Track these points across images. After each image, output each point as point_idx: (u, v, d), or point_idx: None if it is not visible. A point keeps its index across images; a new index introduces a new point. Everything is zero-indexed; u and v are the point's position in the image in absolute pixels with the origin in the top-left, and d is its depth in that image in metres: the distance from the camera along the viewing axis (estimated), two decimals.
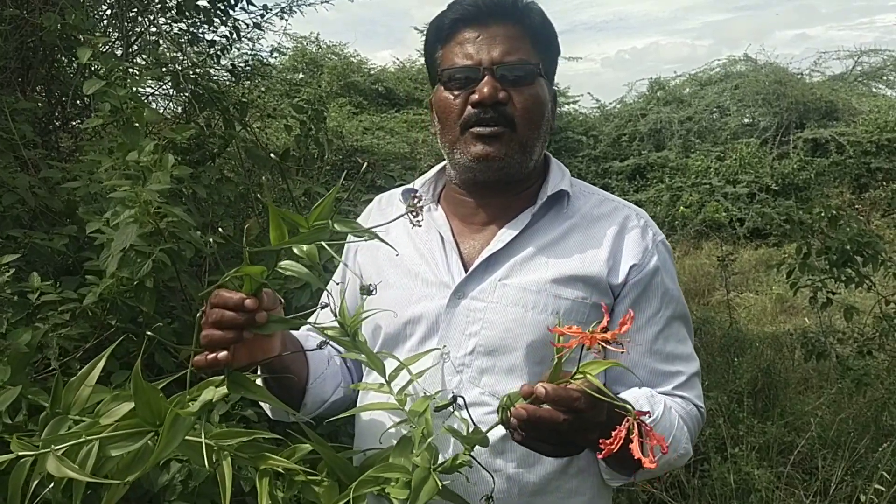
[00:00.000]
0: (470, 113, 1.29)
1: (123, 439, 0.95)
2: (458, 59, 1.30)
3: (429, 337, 1.31)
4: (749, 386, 4.81)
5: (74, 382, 1.01)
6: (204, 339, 1.04)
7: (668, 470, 1.25)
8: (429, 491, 1.03)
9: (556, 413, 0.98)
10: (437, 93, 1.35)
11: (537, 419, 0.98)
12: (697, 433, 1.33)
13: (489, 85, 1.26)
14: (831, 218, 3.99)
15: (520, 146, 1.30)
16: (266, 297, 1.06)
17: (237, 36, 4.27)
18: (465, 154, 1.31)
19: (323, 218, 0.97)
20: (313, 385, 1.35)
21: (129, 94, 2.12)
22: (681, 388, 1.32)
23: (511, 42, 1.28)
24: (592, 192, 1.43)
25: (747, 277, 8.88)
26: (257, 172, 3.56)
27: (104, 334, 2.00)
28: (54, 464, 0.90)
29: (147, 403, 0.95)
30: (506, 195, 1.36)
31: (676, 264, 1.51)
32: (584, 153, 12.69)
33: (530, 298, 1.25)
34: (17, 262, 1.97)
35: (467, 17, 1.30)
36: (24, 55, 3.25)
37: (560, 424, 0.98)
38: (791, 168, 11.21)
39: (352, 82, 13.08)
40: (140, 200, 1.83)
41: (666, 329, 1.32)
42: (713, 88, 13.05)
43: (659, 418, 1.21)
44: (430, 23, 1.37)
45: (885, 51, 13.46)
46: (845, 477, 3.53)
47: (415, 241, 1.39)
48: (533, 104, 1.30)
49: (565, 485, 1.29)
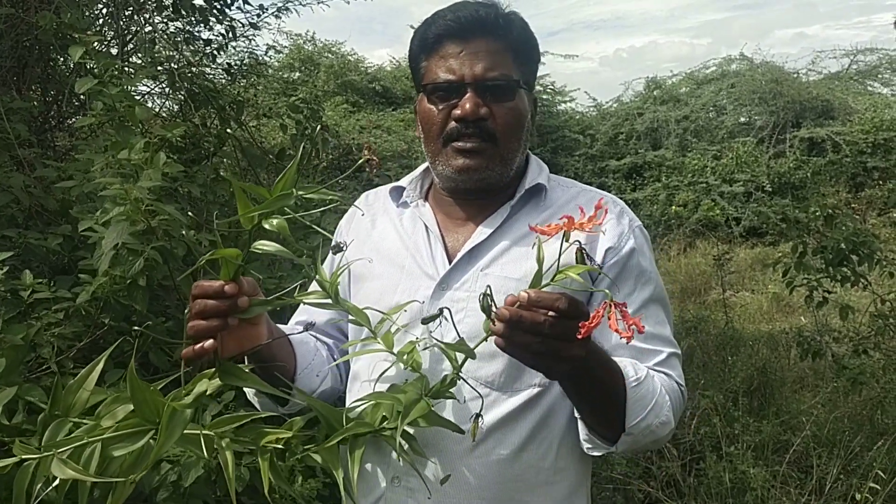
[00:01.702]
0: (452, 127, 1.34)
1: (125, 439, 0.97)
2: (441, 73, 1.34)
3: (414, 327, 1.33)
4: (745, 385, 4.82)
5: (73, 385, 1.02)
6: (190, 330, 1.07)
7: (650, 440, 1.24)
8: (420, 410, 1.08)
9: (537, 314, 1.00)
10: (421, 103, 1.39)
11: (519, 319, 1.00)
12: (680, 409, 1.35)
13: (471, 101, 1.30)
14: (827, 217, 4.00)
15: (500, 159, 1.35)
16: (246, 284, 1.10)
17: (233, 35, 4.26)
18: (448, 166, 1.36)
19: (287, 188, 1.01)
20: (301, 375, 1.38)
21: (122, 93, 2.11)
22: (661, 365, 1.34)
23: (493, 57, 1.32)
24: (570, 185, 1.47)
25: (743, 276, 8.89)
26: (253, 171, 3.56)
27: (97, 333, 2.00)
28: (59, 466, 0.92)
29: (144, 401, 0.97)
30: (487, 196, 1.40)
31: (673, 263, 1.53)
32: (581, 152, 12.71)
33: (511, 286, 1.28)
34: (11, 262, 1.96)
35: (450, 32, 1.34)
36: (20, 54, 3.24)
37: (541, 325, 1.00)
38: (787, 167, 11.23)
39: (348, 81, 13.08)
40: (130, 198, 1.83)
41: (643, 310, 1.35)
42: (710, 87, 13.07)
43: (642, 379, 1.23)
44: (415, 32, 1.40)
45: (881, 49, 13.51)
46: (840, 475, 3.53)
47: (401, 234, 1.44)
48: (513, 118, 1.35)
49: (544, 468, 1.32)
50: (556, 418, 1.31)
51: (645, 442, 1.26)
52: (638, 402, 1.22)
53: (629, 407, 1.21)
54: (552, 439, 1.31)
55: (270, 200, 1.01)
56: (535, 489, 1.31)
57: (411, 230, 1.43)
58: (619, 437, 1.23)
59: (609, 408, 1.22)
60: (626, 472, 3.78)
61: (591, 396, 1.21)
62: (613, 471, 3.77)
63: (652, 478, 3.82)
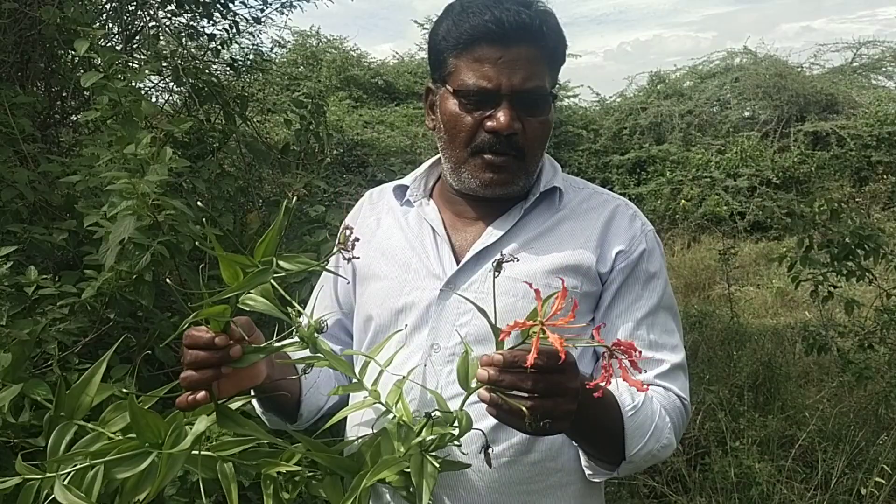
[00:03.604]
0: (483, 138, 1.28)
1: (127, 461, 0.96)
2: (476, 79, 1.26)
3: (419, 327, 1.32)
4: (750, 379, 4.81)
5: (78, 386, 1.02)
6: (183, 381, 1.03)
7: (651, 463, 1.24)
8: (431, 475, 1.04)
9: (514, 379, 0.95)
10: (447, 102, 1.32)
11: (499, 383, 0.96)
12: (683, 426, 1.31)
13: (507, 115, 1.25)
14: (832, 211, 3.98)
15: (525, 172, 1.32)
16: (240, 328, 1.05)
17: (237, 30, 4.26)
18: (474, 178, 1.31)
19: (268, 254, 0.97)
20: (308, 395, 1.36)
21: (128, 88, 2.11)
22: (663, 378, 1.31)
23: (530, 67, 1.26)
24: (583, 186, 1.44)
25: (748, 271, 8.87)
26: (257, 167, 3.56)
27: (103, 328, 2.00)
28: (61, 491, 0.92)
29: (146, 426, 0.97)
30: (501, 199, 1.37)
31: (677, 258, 1.53)
32: (585, 147, 12.66)
33: (521, 288, 1.26)
34: (16, 257, 1.96)
35: (490, 35, 1.25)
36: (24, 49, 3.24)
37: (524, 385, 0.95)
38: (792, 161, 11.18)
39: (351, 76, 13.03)
40: (137, 192, 1.83)
41: (650, 316, 1.32)
42: (713, 81, 13.01)
43: (640, 406, 1.21)
44: (442, 20, 1.33)
45: (885, 42, 13.43)
46: (846, 470, 3.53)
47: (406, 234, 1.40)
48: (542, 132, 1.31)
49: (552, 477, 1.29)
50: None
51: (646, 465, 1.25)
52: (637, 430, 1.19)
53: (628, 436, 1.19)
54: (558, 439, 1.27)
55: (251, 276, 0.97)
56: (548, 491, 1.29)
57: (417, 230, 1.40)
58: (620, 464, 1.22)
59: (608, 440, 1.20)
60: None
61: (589, 434, 1.19)
62: None
63: (657, 472, 3.82)
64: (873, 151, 11.03)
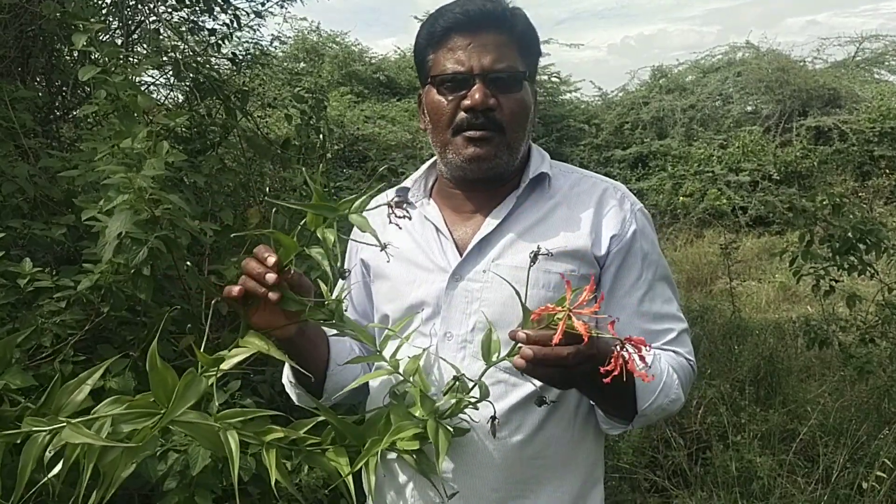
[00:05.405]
0: (462, 117, 1.37)
1: (135, 417, 0.98)
2: (449, 65, 1.37)
3: (432, 318, 1.40)
4: (751, 374, 4.81)
5: (70, 386, 1.02)
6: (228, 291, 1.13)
7: (663, 416, 1.36)
8: (445, 441, 1.13)
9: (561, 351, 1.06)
10: (429, 94, 1.42)
11: (544, 357, 1.06)
12: (689, 384, 1.42)
13: (480, 92, 1.34)
14: (834, 206, 3.98)
15: (507, 147, 1.39)
16: (298, 277, 1.15)
17: (238, 24, 4.25)
18: (458, 155, 1.39)
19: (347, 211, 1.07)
20: (333, 371, 1.41)
21: (126, 82, 2.11)
22: (671, 344, 1.42)
23: (500, 50, 1.36)
24: (571, 171, 1.52)
25: (750, 266, 8.87)
26: (258, 162, 3.56)
27: (97, 321, 2.00)
28: (70, 432, 0.93)
29: (162, 382, 0.99)
30: (493, 186, 1.45)
31: (679, 253, 1.59)
32: (586, 142, 12.65)
33: (522, 275, 1.31)
34: (16, 252, 1.96)
35: (459, 25, 1.37)
36: (24, 44, 3.24)
37: (565, 360, 1.06)
38: (794, 156, 11.17)
39: (353, 71, 13.04)
40: (134, 186, 1.83)
41: (651, 291, 1.42)
42: (716, 76, 12.99)
43: (649, 365, 1.29)
44: (422, 26, 1.44)
45: (888, 36, 13.42)
46: (847, 464, 3.53)
47: (412, 234, 1.48)
48: (520, 108, 1.39)
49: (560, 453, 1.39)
50: (570, 392, 1.37)
51: (658, 418, 1.35)
52: (647, 386, 1.29)
53: (639, 392, 1.29)
54: (569, 416, 1.39)
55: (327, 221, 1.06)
56: (556, 468, 1.38)
57: (421, 229, 1.48)
58: (634, 418, 1.32)
59: (620, 396, 1.29)
60: (632, 461, 3.79)
61: (602, 391, 1.23)
62: (620, 460, 3.77)
63: (658, 467, 3.82)
64: (876, 146, 11.02)
